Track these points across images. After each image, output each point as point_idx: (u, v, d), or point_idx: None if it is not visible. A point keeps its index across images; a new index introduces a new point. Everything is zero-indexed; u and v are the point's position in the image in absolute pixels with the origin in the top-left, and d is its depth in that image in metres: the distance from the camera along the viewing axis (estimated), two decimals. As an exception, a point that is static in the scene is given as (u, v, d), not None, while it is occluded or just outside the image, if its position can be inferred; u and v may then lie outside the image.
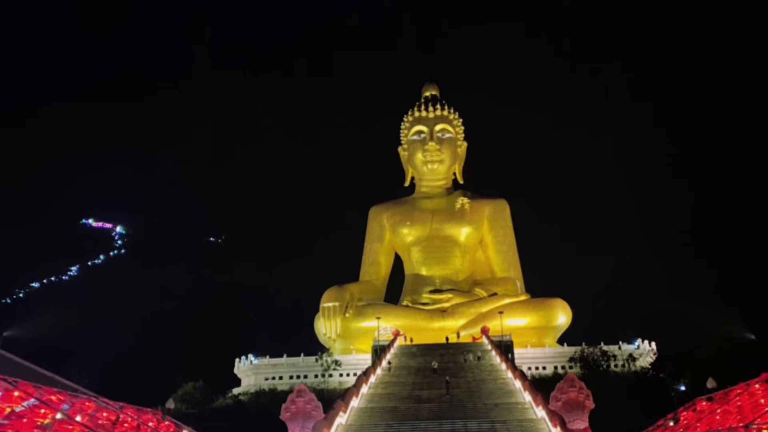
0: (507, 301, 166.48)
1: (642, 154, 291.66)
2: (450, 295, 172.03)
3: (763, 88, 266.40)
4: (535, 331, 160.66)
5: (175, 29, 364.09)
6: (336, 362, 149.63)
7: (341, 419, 75.68)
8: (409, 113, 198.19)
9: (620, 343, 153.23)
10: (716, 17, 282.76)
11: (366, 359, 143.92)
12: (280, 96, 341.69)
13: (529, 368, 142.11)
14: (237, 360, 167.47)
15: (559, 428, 62.57)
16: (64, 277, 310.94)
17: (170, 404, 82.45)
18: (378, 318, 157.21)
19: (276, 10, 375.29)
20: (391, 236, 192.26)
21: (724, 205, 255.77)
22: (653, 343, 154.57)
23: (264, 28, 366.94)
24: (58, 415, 44.15)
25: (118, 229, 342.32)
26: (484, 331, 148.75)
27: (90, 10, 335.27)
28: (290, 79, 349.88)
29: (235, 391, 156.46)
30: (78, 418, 46.33)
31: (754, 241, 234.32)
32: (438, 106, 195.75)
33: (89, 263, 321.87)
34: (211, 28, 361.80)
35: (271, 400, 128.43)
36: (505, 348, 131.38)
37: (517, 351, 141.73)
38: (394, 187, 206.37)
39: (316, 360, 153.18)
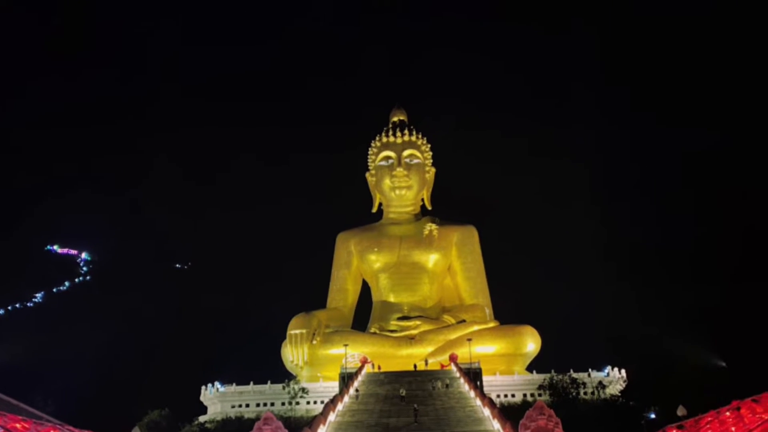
0: (475, 328, 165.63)
1: (613, 180, 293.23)
2: (418, 322, 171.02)
3: (735, 113, 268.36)
4: (504, 359, 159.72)
5: (140, 55, 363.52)
6: (303, 390, 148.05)
7: (307, 448, 74.42)
8: (377, 139, 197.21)
9: (590, 370, 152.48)
10: (689, 43, 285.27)
11: (333, 387, 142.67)
12: (247, 122, 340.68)
13: (498, 396, 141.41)
14: (203, 387, 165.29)
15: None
16: (28, 304, 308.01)
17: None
18: (345, 345, 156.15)
19: (244, 35, 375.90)
20: (358, 263, 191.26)
21: (695, 231, 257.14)
22: (623, 371, 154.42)
23: (231, 54, 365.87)
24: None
25: (83, 255, 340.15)
26: (453, 359, 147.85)
27: (55, 36, 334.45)
28: (257, 104, 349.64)
29: (202, 418, 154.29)
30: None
31: (725, 268, 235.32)
32: (406, 132, 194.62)
33: (54, 289, 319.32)
34: (178, 54, 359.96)
35: (237, 428, 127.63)
36: (473, 375, 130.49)
37: (486, 378, 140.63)
38: (361, 213, 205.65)
39: (283, 387, 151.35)
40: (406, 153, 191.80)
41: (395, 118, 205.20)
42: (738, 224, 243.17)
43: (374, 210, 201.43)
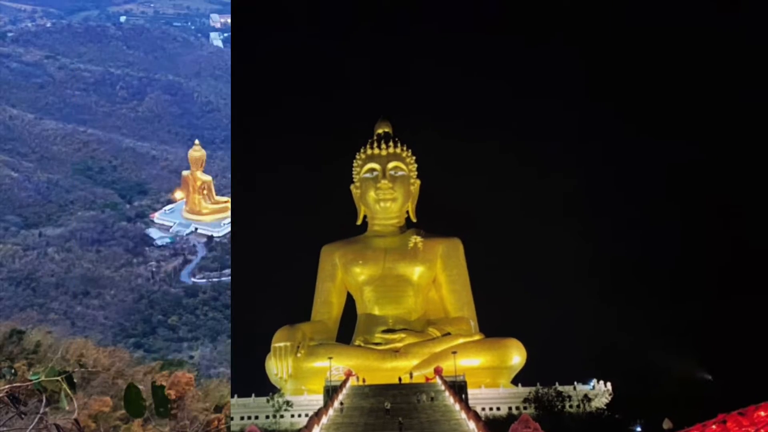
0: (461, 340, 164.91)
1: (597, 193, 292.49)
2: (403, 335, 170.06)
3: (718, 126, 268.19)
4: (489, 372, 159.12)
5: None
6: (287, 403, 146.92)
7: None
8: (362, 151, 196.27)
9: (575, 383, 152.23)
10: (671, 55, 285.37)
11: (318, 400, 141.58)
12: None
13: (483, 409, 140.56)
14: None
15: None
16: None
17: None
18: (330, 358, 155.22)
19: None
20: (343, 275, 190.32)
21: (680, 243, 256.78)
22: (609, 384, 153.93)
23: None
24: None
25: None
26: (438, 372, 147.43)
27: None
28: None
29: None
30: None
31: (710, 281, 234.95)
32: (391, 144, 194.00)
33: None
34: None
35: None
36: (458, 388, 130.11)
37: (471, 391, 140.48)
38: (346, 225, 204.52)
39: (267, 401, 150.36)
40: (390, 165, 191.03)
41: (380, 130, 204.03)
42: (723, 237, 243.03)
43: (359, 222, 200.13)
